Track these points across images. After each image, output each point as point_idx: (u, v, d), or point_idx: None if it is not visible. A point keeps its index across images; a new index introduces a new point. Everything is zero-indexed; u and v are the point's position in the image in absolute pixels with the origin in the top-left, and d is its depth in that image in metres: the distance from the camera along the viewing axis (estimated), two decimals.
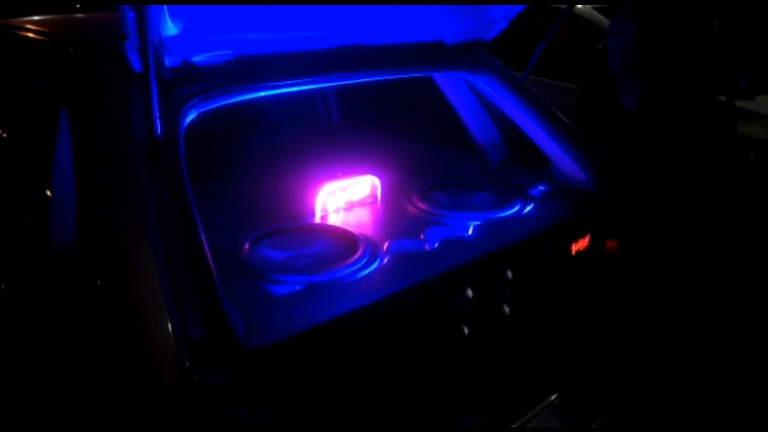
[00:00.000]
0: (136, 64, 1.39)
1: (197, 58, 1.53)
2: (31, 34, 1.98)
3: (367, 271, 1.56)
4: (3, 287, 1.62)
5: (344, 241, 1.72)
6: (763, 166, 3.26)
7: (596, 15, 4.06)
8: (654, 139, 2.72)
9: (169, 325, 1.14)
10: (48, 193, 1.56)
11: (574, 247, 1.97)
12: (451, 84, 2.50)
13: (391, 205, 2.08)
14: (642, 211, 2.18)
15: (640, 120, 2.74)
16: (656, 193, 2.45)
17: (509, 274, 1.71)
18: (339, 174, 2.02)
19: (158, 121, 1.32)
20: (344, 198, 2.01)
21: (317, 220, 1.93)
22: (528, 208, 2.04)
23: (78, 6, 6.82)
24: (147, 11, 1.24)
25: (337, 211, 1.99)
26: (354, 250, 1.64)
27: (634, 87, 2.75)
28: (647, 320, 2.26)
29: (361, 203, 2.06)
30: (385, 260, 1.63)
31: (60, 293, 1.37)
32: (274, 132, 2.46)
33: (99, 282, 1.28)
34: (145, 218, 1.27)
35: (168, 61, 1.47)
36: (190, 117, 1.52)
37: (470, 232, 1.85)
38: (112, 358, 1.20)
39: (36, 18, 2.19)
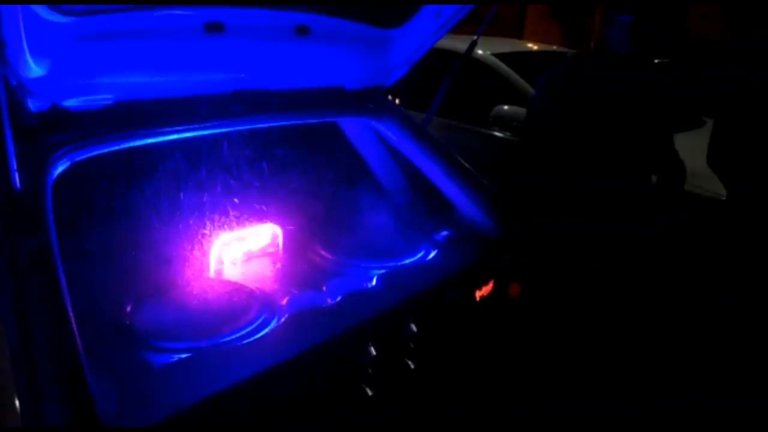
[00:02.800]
0: None
1: (70, 103, 1.39)
2: None
3: (261, 333, 1.45)
4: None
5: (239, 298, 1.60)
6: None
7: (500, 64, 4.14)
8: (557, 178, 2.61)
9: (17, 402, 0.98)
10: None
11: (479, 294, 1.96)
12: (356, 129, 2.46)
13: (294, 254, 1.98)
14: (545, 254, 2.21)
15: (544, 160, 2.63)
16: (560, 235, 2.47)
17: (413, 327, 1.66)
18: (236, 223, 1.90)
19: (16, 174, 1.17)
20: (242, 249, 1.90)
21: (211, 274, 1.80)
22: (432, 255, 2.01)
23: None
24: (3, 49, 1.11)
25: (234, 263, 1.87)
26: (248, 310, 1.52)
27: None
28: (553, 363, 2.28)
29: (261, 254, 1.95)
30: (283, 319, 1.53)
31: None
32: (167, 178, 2.30)
33: None
34: None
35: (33, 106, 1.32)
36: (62, 168, 1.37)
37: (374, 282, 1.78)
38: None
39: None
